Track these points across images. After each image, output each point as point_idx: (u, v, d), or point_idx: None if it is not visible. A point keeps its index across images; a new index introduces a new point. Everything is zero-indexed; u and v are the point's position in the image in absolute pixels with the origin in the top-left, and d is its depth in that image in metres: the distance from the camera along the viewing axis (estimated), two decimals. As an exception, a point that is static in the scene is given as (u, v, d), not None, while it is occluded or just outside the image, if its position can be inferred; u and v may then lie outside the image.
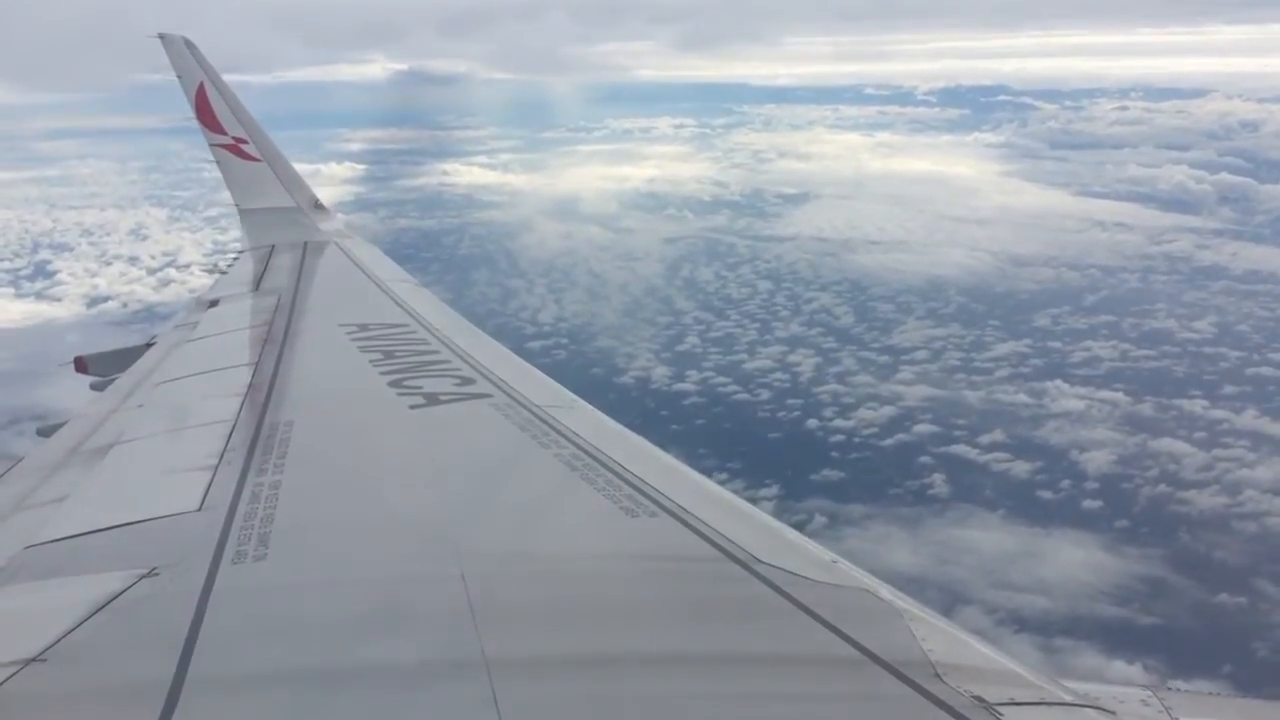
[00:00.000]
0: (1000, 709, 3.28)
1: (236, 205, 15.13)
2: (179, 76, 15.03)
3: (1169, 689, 3.77)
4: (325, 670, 3.46)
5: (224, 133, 15.18)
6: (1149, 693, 3.76)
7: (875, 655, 3.55)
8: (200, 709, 3.14)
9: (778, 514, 5.28)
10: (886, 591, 4.16)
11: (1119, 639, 32.81)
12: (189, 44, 15.16)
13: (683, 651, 3.67)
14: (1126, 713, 3.57)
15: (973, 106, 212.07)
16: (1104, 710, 3.50)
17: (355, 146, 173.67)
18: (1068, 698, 3.53)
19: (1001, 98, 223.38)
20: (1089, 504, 42.64)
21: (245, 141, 15.32)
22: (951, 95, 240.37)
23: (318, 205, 15.35)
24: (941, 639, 3.73)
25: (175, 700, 3.14)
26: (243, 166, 15.27)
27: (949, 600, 33.07)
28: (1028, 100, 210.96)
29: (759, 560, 4.29)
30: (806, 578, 4.16)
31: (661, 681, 3.49)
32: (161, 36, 15.10)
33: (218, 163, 15.32)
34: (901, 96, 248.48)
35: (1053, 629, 32.93)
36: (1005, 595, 34.80)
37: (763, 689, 3.43)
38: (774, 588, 4.06)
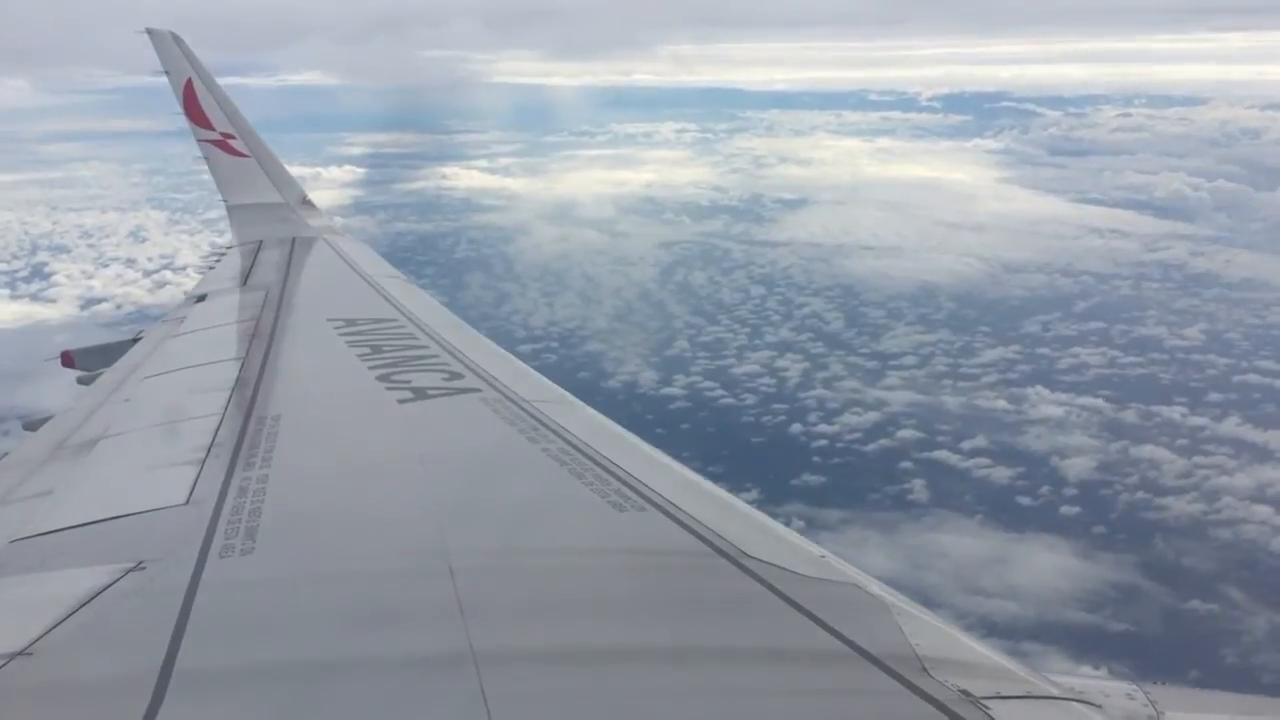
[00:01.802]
0: (987, 703, 3.27)
1: (224, 201, 15.07)
2: (166, 72, 14.93)
3: (1155, 683, 3.81)
4: (312, 665, 3.44)
5: (211, 128, 15.10)
6: (1134, 687, 3.78)
7: (863, 650, 3.54)
8: (187, 703, 3.12)
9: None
10: (875, 586, 4.14)
11: (1087, 644, 32.82)
12: (176, 39, 15.07)
13: (671, 646, 3.66)
14: (1112, 707, 3.60)
15: (976, 112, 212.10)
16: (1090, 704, 3.52)
17: (356, 150, 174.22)
18: (1054, 691, 3.54)
19: (1005, 104, 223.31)
20: (1067, 510, 42.71)
21: (233, 137, 15.24)
22: (955, 101, 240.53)
23: (305, 201, 15.28)
24: (929, 634, 3.71)
25: (162, 694, 3.12)
26: (230, 162, 15.20)
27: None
28: (1031, 107, 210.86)
29: (747, 555, 4.27)
30: (795, 572, 4.14)
31: (649, 676, 3.48)
32: (149, 31, 15.00)
33: (205, 158, 15.19)
34: (905, 102, 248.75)
35: (1021, 634, 32.92)
36: (975, 600, 34.93)
37: (750, 683, 3.43)
38: (762, 582, 4.04)
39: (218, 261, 13.08)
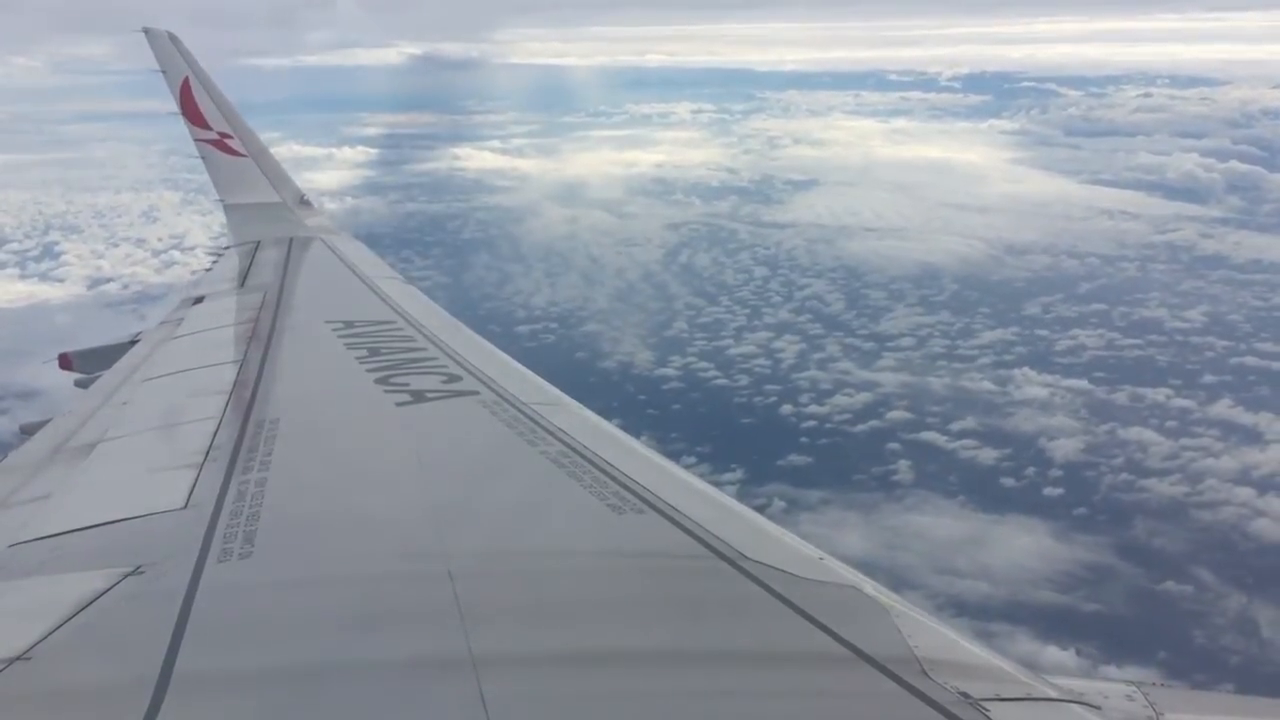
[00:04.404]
0: (986, 705, 3.28)
1: (221, 201, 15.07)
2: (163, 71, 14.92)
3: (1154, 684, 3.84)
4: (311, 668, 3.44)
5: (209, 128, 15.04)
6: (1134, 688, 3.79)
7: (862, 652, 3.56)
8: (186, 707, 3.12)
9: (737, 498, 5.40)
10: (872, 588, 4.18)
11: (1058, 625, 32.88)
12: (173, 38, 15.08)
13: (670, 649, 3.67)
14: (1111, 708, 3.61)
15: (996, 92, 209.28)
16: (1089, 705, 3.54)
17: (371, 131, 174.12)
18: (1053, 693, 3.56)
19: (1025, 84, 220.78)
20: (1050, 491, 42.65)
21: (230, 137, 15.21)
22: (976, 81, 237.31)
23: (303, 201, 15.31)
24: (928, 636, 3.73)
25: (161, 698, 3.12)
26: (228, 162, 15.21)
27: (890, 585, 33.17)
28: (1052, 86, 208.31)
29: (746, 557, 4.29)
30: (793, 574, 4.14)
31: (648, 679, 3.48)
32: (146, 31, 15.00)
33: (202, 158, 15.15)
34: (925, 82, 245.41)
35: (991, 614, 33.02)
36: (947, 581, 35.00)
37: (749, 686, 3.44)
38: (761, 584, 4.06)
39: (215, 262, 13.13)
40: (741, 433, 49.52)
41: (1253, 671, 30.49)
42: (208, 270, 12.68)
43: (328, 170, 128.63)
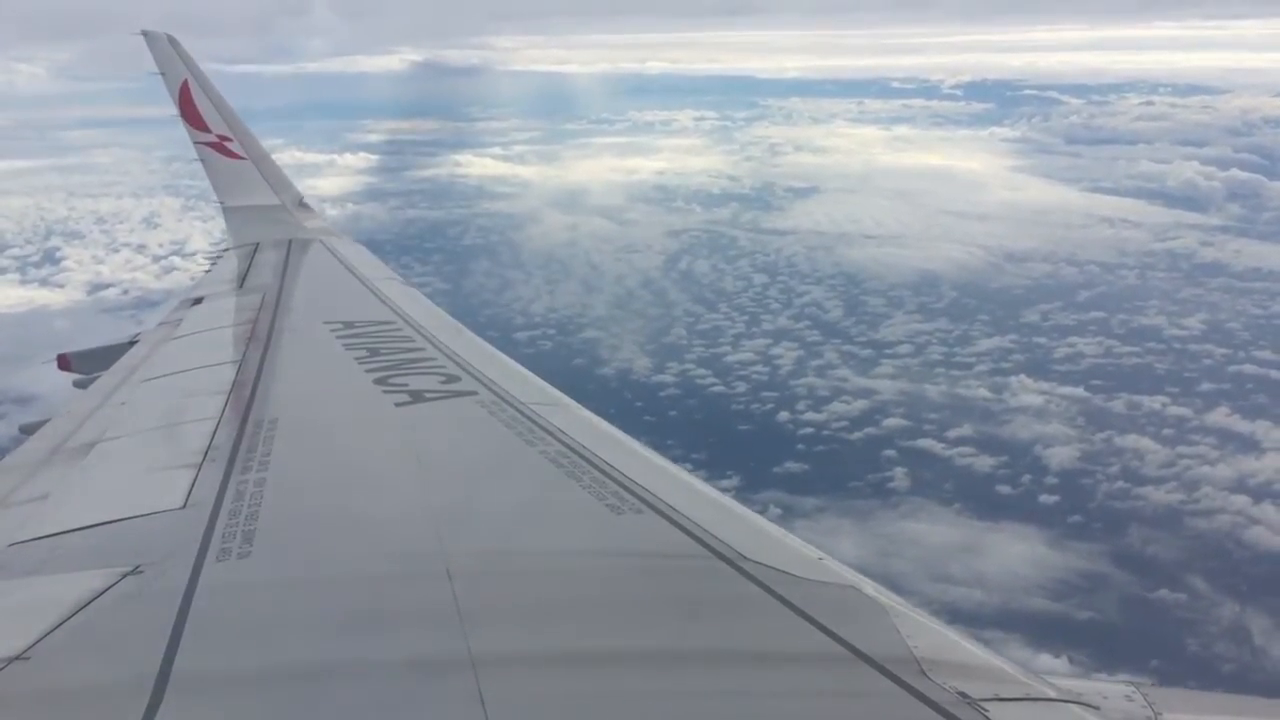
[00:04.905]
0: (985, 705, 3.28)
1: (220, 203, 15.06)
2: (162, 73, 14.90)
3: (1153, 685, 3.85)
4: (310, 668, 3.44)
5: (208, 130, 14.99)
6: (1133, 689, 3.80)
7: (861, 652, 3.55)
8: (184, 707, 3.12)
9: (733, 504, 5.39)
10: (872, 588, 4.17)
11: (1051, 632, 32.91)
12: (172, 40, 15.10)
13: (668, 649, 3.67)
14: (1110, 709, 3.61)
15: (998, 100, 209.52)
16: (1088, 706, 3.54)
17: (374, 137, 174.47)
18: (1052, 694, 3.55)
19: (1027, 91, 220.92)
20: (1045, 499, 42.71)
21: (229, 139, 15.17)
22: (978, 89, 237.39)
23: (302, 203, 15.30)
24: (927, 636, 3.72)
25: (159, 698, 3.12)
26: (227, 164, 15.16)
27: (885, 591, 33.38)
28: (1053, 94, 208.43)
29: (745, 557, 4.28)
30: (792, 575, 4.14)
31: (647, 679, 3.48)
32: (145, 34, 15.01)
33: (201, 160, 15.10)
34: (927, 90, 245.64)
35: (985, 621, 32.96)
36: (941, 588, 35.01)
37: (748, 686, 3.44)
38: (760, 585, 4.05)
39: (214, 264, 13.10)
40: (738, 440, 49.58)
41: (1245, 679, 30.55)
42: (207, 272, 12.69)
43: (329, 176, 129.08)
